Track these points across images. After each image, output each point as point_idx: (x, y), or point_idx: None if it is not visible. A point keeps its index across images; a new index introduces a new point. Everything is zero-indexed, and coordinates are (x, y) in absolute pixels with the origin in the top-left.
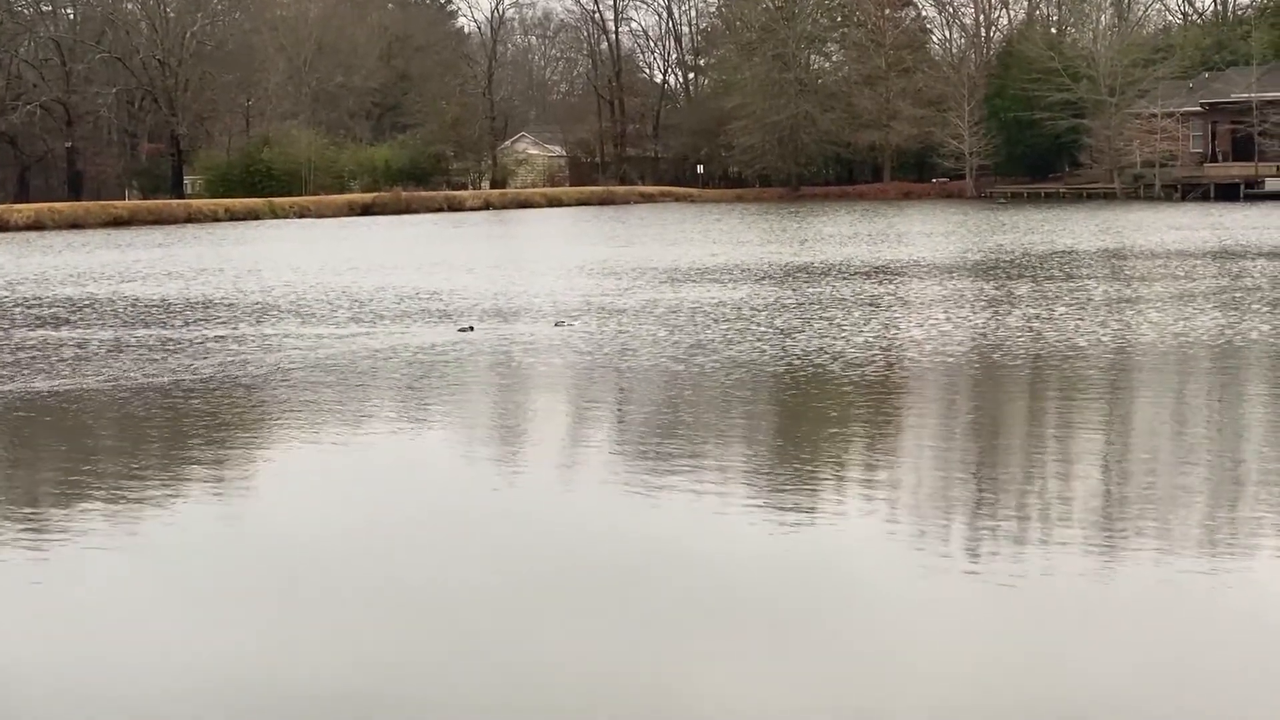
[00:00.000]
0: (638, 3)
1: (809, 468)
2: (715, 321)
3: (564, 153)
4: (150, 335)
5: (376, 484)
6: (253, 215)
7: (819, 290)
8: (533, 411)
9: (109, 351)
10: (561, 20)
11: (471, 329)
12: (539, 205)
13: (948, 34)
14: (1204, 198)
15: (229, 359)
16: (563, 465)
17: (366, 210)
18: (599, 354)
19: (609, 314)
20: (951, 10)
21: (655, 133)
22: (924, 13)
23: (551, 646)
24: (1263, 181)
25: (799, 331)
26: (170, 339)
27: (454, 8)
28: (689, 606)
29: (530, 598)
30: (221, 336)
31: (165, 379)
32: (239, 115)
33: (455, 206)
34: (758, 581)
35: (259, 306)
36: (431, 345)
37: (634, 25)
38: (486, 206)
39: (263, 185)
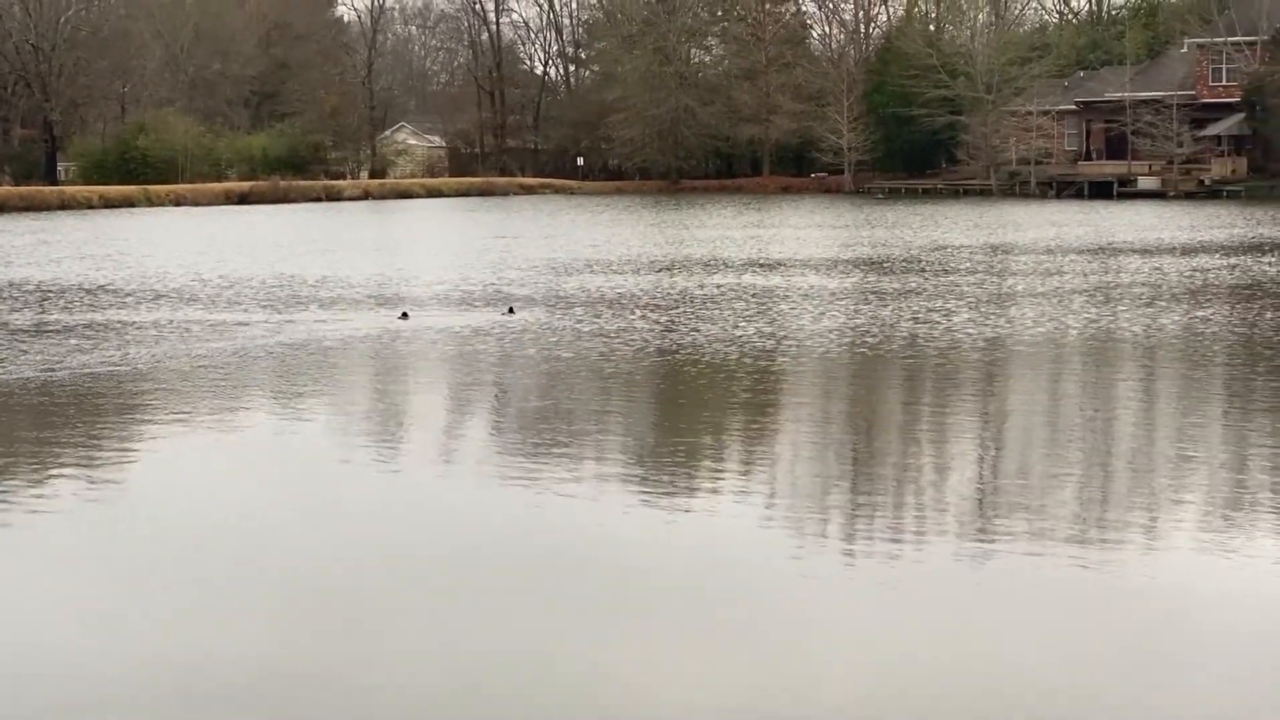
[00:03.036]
0: None
1: (693, 458)
2: (597, 314)
3: (444, 143)
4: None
5: (269, 473)
6: (128, 202)
7: (699, 282)
8: (445, 399)
9: (32, 336)
10: (442, 11)
11: (406, 316)
12: (418, 195)
13: (828, 29)
14: (1078, 195)
15: (151, 346)
16: (455, 453)
17: (244, 199)
18: (514, 344)
19: (525, 303)
20: (831, 6)
21: (535, 124)
22: (804, 8)
23: (450, 632)
24: (1135, 180)
25: (681, 323)
26: (100, 323)
27: None
28: (581, 594)
29: (428, 585)
30: (143, 323)
31: (104, 366)
32: (114, 101)
33: (333, 196)
34: (651, 570)
35: (183, 293)
36: (368, 333)
37: (515, 16)
38: (365, 196)
39: (138, 172)
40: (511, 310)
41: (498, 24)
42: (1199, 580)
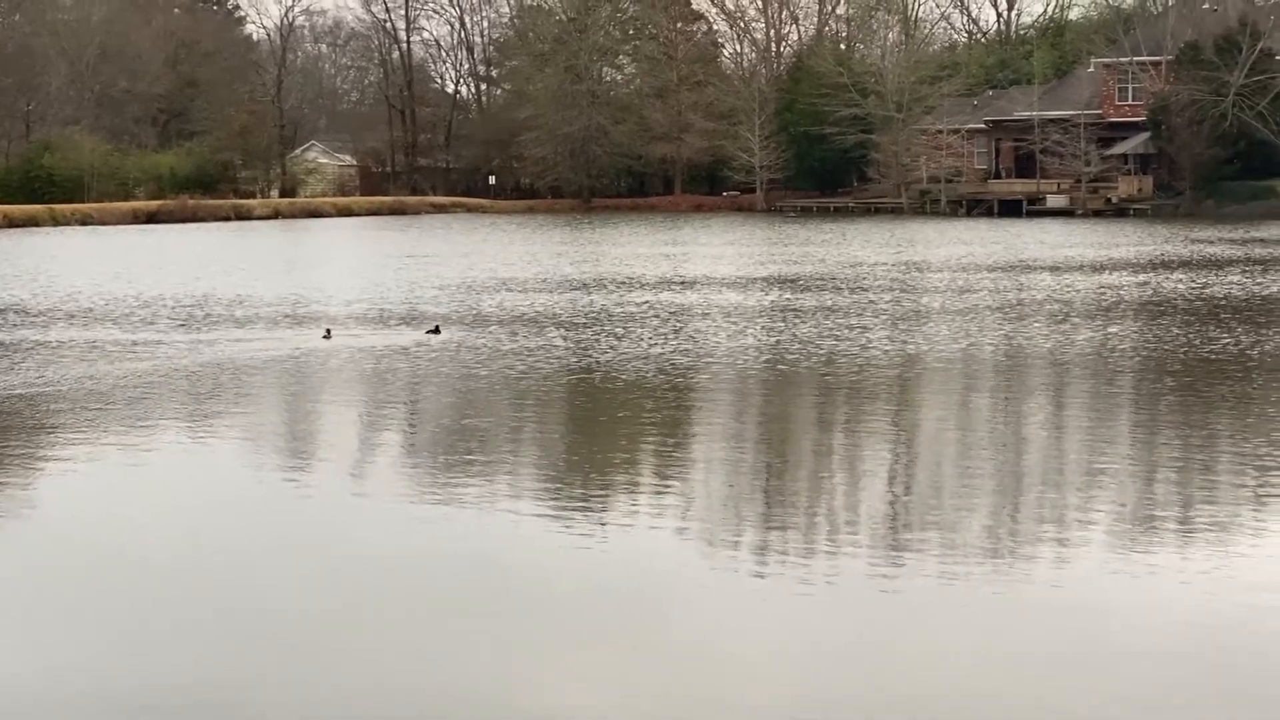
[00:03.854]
0: (430, 12)
1: (610, 475)
2: (514, 333)
3: (355, 162)
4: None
5: (184, 496)
6: (33, 222)
7: (616, 300)
8: (373, 419)
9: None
10: (352, 29)
11: (329, 335)
12: (329, 215)
13: (739, 48)
14: (988, 213)
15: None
16: (372, 474)
17: (152, 218)
18: (428, 363)
19: (448, 323)
20: (743, 25)
21: (447, 143)
22: (715, 27)
23: (370, 654)
24: (1044, 198)
25: (597, 341)
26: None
27: (242, 14)
28: (500, 612)
29: (343, 605)
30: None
31: (17, 386)
32: (18, 120)
33: (243, 215)
34: (570, 587)
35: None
36: (290, 353)
37: (426, 35)
38: (276, 215)
39: (44, 192)
40: (437, 330)
41: (408, 42)
42: (1109, 592)
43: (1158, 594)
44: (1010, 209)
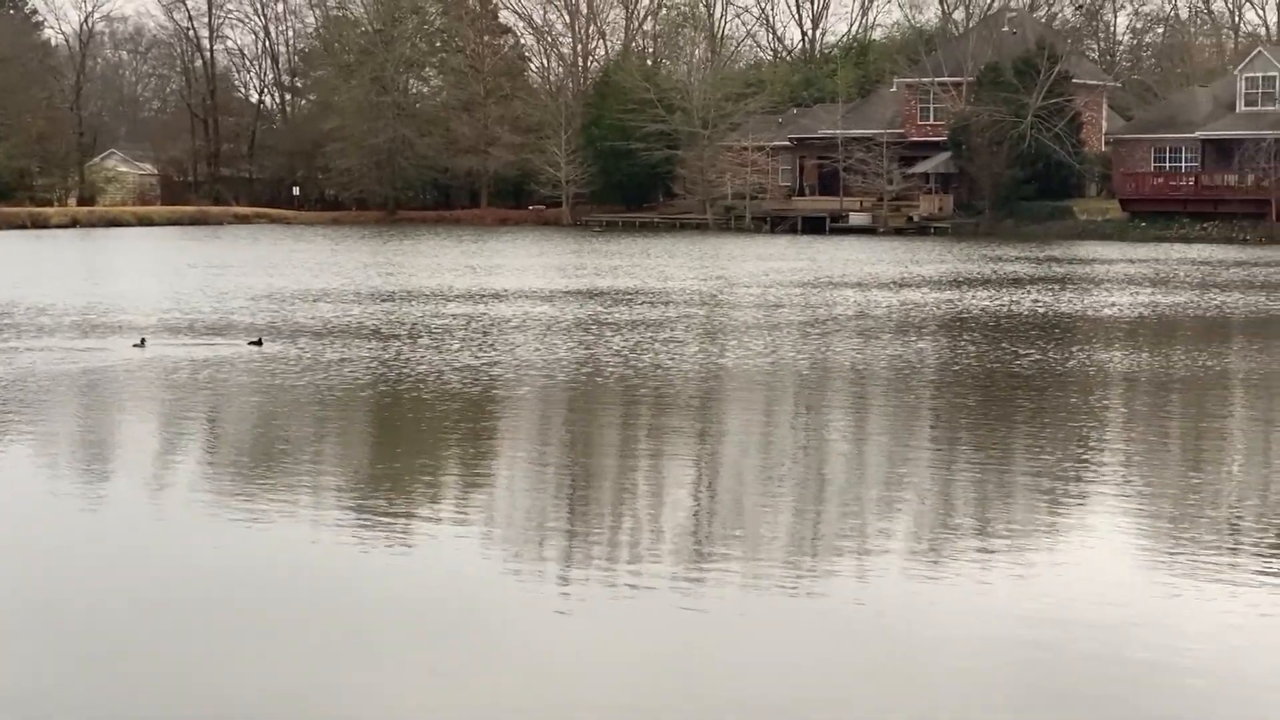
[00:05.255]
0: (234, 21)
1: (416, 489)
2: (328, 344)
3: (156, 171)
4: None
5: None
6: None
7: (425, 313)
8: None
9: None
10: (154, 36)
11: (143, 344)
12: (129, 224)
13: (546, 62)
14: (792, 230)
15: None
16: (176, 488)
17: None
18: (245, 375)
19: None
20: (550, 39)
21: (250, 153)
22: (523, 40)
23: (173, 674)
24: (847, 216)
25: (410, 353)
26: None
27: (40, 19)
28: (304, 630)
29: (144, 624)
30: None
31: None
32: None
33: (40, 223)
34: (372, 604)
35: None
36: (98, 364)
37: (230, 43)
38: (74, 224)
39: None
40: (259, 341)
41: (211, 51)
42: (911, 603)
43: (958, 605)
44: (814, 226)
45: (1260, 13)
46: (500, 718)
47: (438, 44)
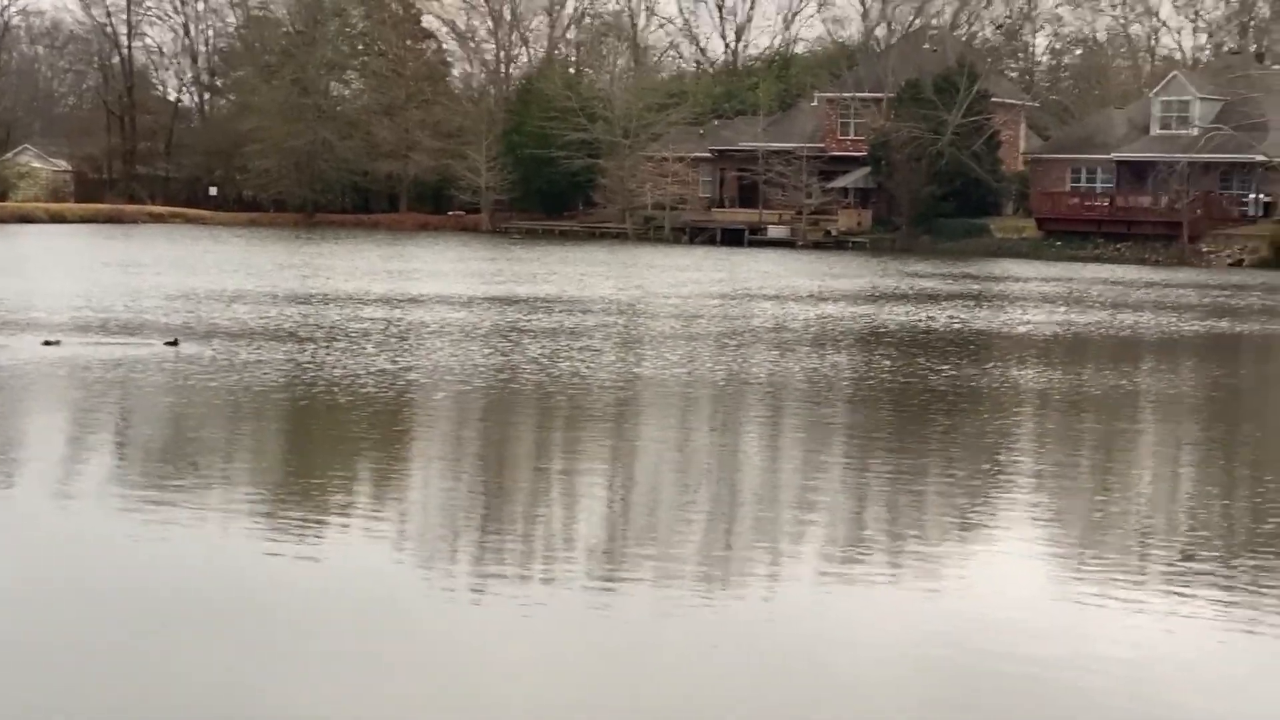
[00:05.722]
0: (153, 18)
1: (328, 494)
2: (244, 345)
3: (70, 168)
4: None
5: None
6: None
7: (343, 316)
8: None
9: None
10: (71, 31)
11: (58, 343)
12: (41, 220)
13: (469, 68)
14: (711, 241)
15: None
16: (83, 490)
17: None
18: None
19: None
20: (473, 45)
21: (168, 151)
22: (445, 46)
23: (83, 678)
24: (766, 228)
25: (326, 356)
26: None
27: None
28: (216, 635)
29: (53, 627)
30: None
31: None
32: None
33: None
34: (284, 608)
35: None
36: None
37: (148, 41)
38: None
39: None
40: (175, 342)
41: (130, 48)
42: (823, 613)
43: (867, 617)
44: (732, 238)
45: (1176, 37)
46: (410, 716)
47: (360, 47)
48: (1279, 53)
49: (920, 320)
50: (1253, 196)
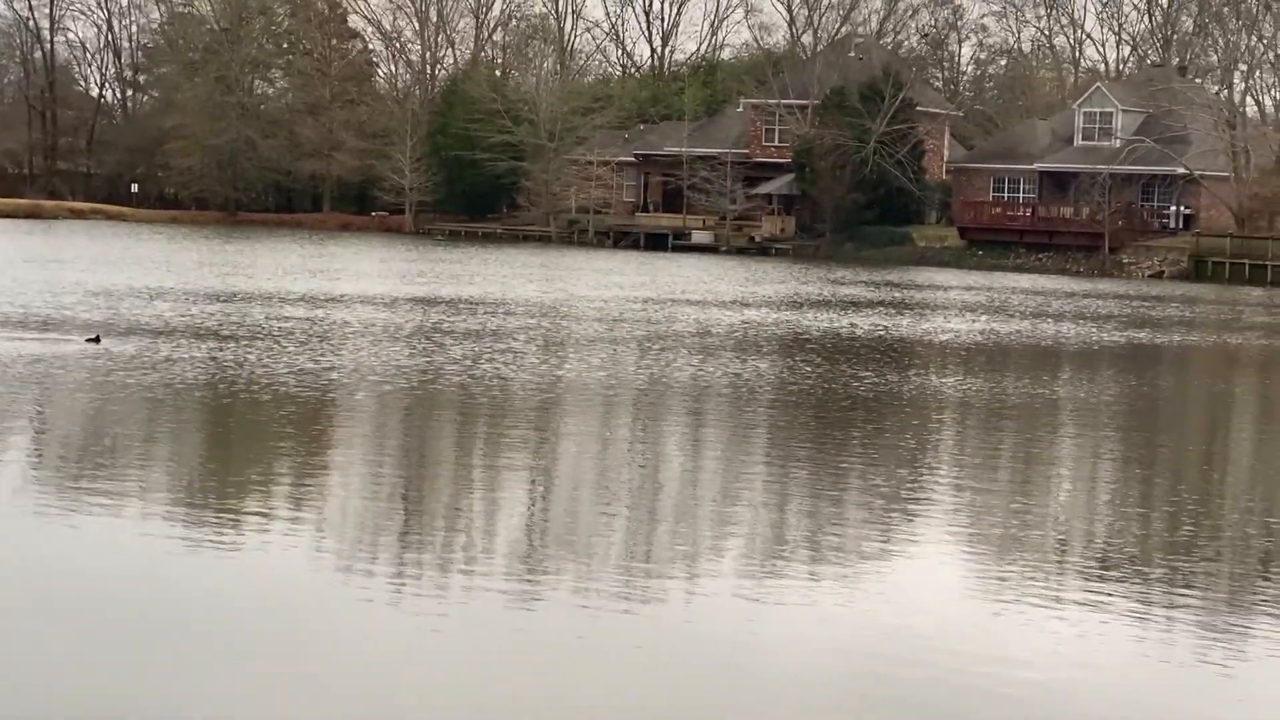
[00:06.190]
0: (76, 13)
1: (247, 495)
2: (164, 343)
3: None
4: None
5: None
6: None
7: (264, 316)
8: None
9: None
10: None
11: None
12: None
13: (394, 69)
14: (634, 246)
15: None
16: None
17: None
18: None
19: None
20: (399, 45)
21: (89, 148)
22: (371, 46)
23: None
24: (690, 234)
25: (246, 356)
26: None
27: None
28: (132, 637)
29: None
30: None
31: None
32: None
33: None
34: (202, 610)
35: None
36: None
37: (71, 36)
38: None
39: None
40: (98, 339)
41: (52, 42)
42: (743, 620)
43: (787, 623)
44: (656, 242)
45: (1100, 49)
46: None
47: (285, 45)
48: (1201, 66)
49: (843, 327)
50: (1173, 209)
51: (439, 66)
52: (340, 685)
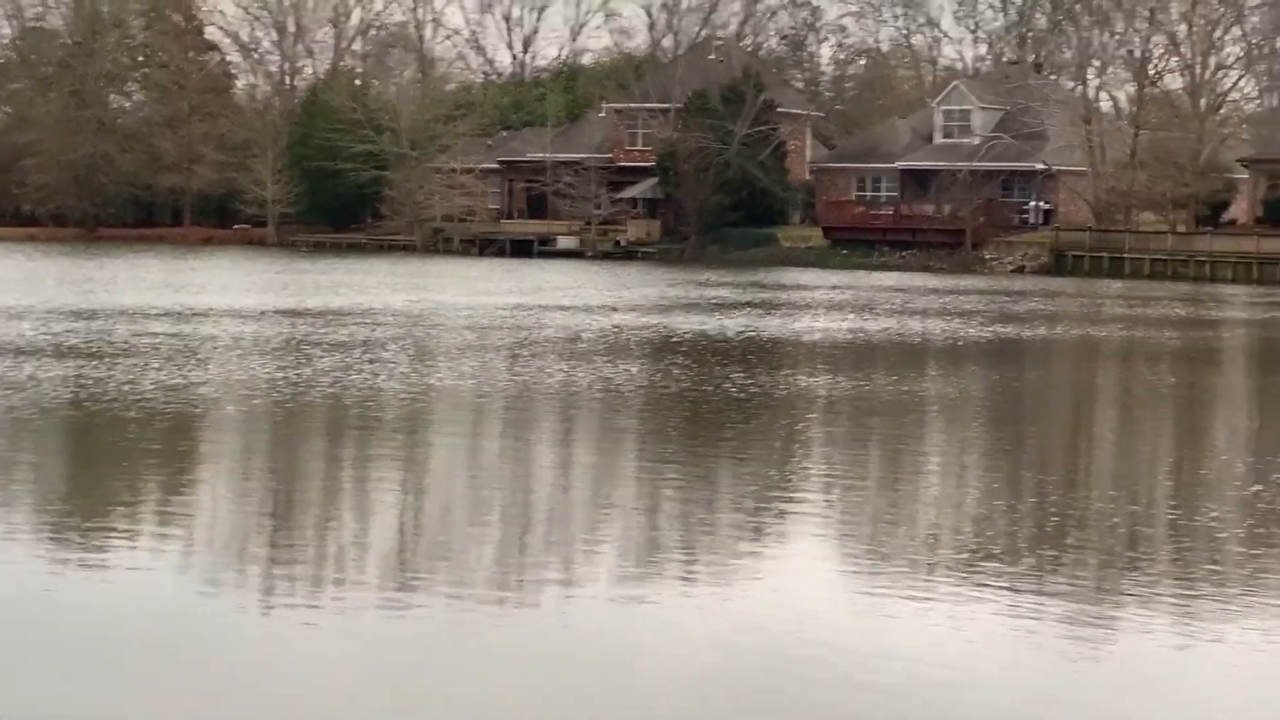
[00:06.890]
0: None
1: (112, 512)
2: (19, 362)
3: None
4: None
5: None
6: None
7: (127, 331)
8: None
9: None
10: None
11: None
12: None
13: (254, 80)
14: (500, 253)
15: None
16: None
17: None
18: None
19: None
20: (257, 57)
21: None
22: (229, 57)
23: None
24: (555, 239)
25: (110, 373)
26: None
27: None
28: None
29: None
30: None
31: None
32: None
33: None
34: (69, 625)
35: None
36: None
37: None
38: None
39: None
40: None
41: None
42: (619, 623)
43: (661, 627)
44: (522, 249)
45: (957, 48)
46: None
47: (140, 58)
48: (1056, 63)
49: (712, 329)
50: (1033, 204)
51: (298, 77)
52: (211, 699)
